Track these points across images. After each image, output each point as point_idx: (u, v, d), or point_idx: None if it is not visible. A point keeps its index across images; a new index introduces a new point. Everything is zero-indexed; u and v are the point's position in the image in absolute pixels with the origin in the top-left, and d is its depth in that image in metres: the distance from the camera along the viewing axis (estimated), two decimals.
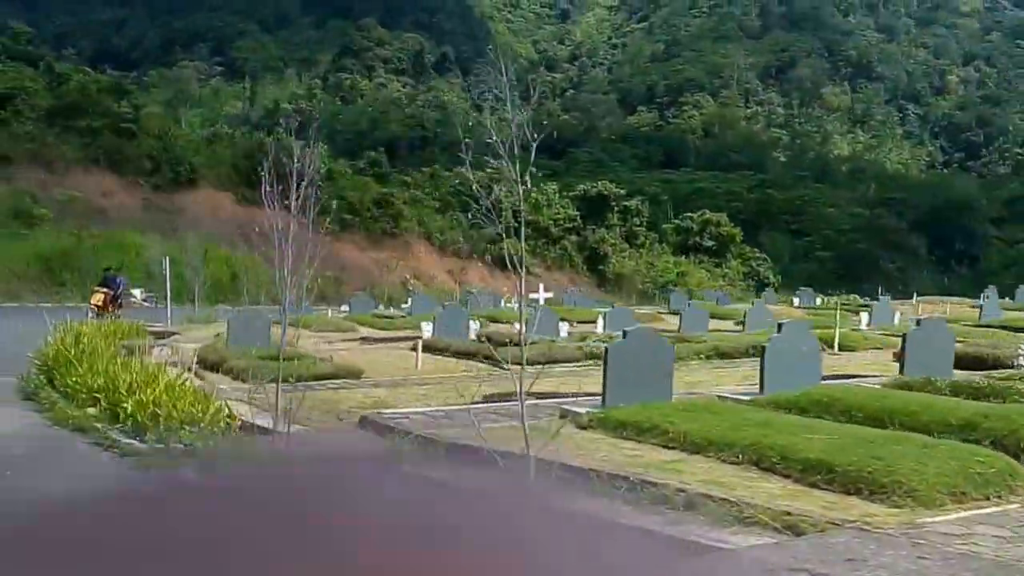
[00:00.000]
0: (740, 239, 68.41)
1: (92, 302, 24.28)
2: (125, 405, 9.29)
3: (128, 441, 8.83)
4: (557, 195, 61.91)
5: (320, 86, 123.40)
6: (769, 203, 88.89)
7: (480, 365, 12.89)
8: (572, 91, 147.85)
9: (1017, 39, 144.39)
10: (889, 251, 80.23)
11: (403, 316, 27.60)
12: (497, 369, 11.17)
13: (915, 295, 46.16)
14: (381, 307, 31.72)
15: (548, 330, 17.20)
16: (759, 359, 10.53)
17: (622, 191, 67.16)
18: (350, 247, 48.61)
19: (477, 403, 9.55)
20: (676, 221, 68.84)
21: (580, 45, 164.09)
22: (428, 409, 10.30)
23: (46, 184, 44.43)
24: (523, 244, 6.59)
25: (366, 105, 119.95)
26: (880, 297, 44.37)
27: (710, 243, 65.74)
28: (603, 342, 14.43)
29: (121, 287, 26.03)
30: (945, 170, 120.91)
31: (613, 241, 61.30)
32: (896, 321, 25.92)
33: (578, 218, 61.74)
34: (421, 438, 8.42)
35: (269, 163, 7.85)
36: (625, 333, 10.31)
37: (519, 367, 10.48)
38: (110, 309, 24.43)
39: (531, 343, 12.89)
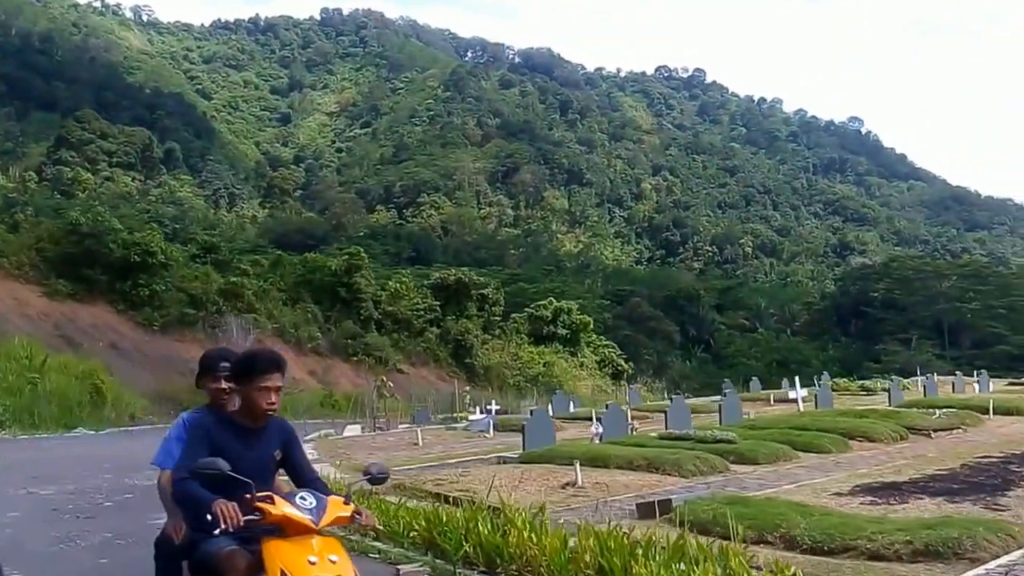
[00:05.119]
0: (591, 327, 66.85)
1: None
2: None
3: None
4: (412, 284, 58.46)
5: (34, 179, 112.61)
6: (524, 296, 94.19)
7: None
8: (302, 191, 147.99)
9: (691, 153, 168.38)
10: (649, 338, 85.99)
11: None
12: None
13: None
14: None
15: None
16: None
17: (480, 279, 64.66)
18: (195, 347, 45.09)
19: None
20: (529, 309, 66.58)
21: (304, 148, 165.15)
22: None
23: None
24: None
25: (90, 199, 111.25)
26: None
27: (564, 331, 63.40)
28: None
29: None
30: (650, 265, 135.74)
31: (476, 332, 57.99)
32: None
33: (438, 308, 58.44)
34: None
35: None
36: None
37: None
38: None
39: None
